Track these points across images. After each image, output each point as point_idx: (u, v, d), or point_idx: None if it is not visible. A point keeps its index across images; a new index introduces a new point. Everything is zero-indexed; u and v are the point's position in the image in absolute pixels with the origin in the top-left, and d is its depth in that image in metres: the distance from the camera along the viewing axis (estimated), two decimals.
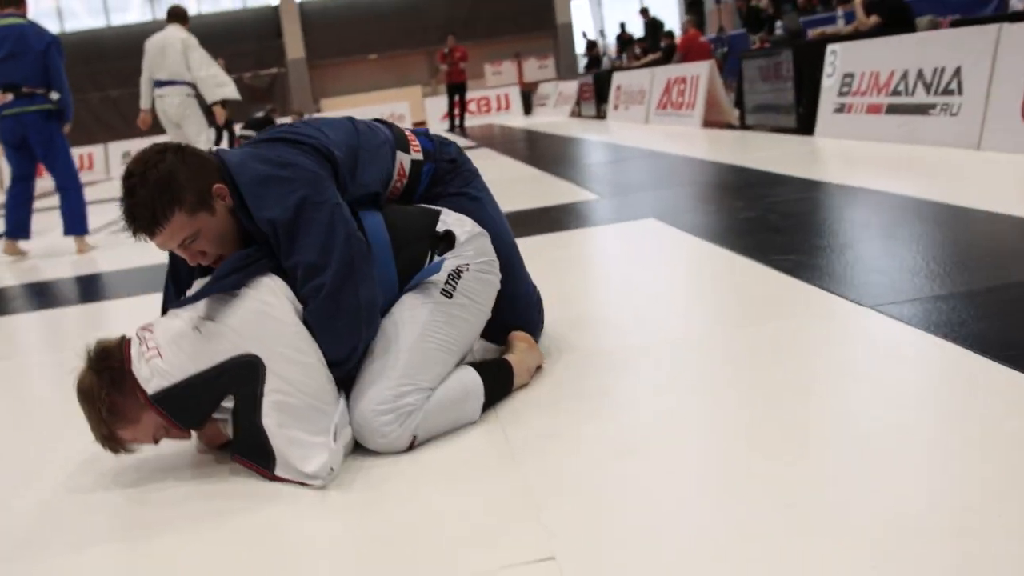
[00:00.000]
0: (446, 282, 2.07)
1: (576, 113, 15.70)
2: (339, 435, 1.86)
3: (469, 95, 17.18)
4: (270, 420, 1.83)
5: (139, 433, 1.91)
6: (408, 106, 19.01)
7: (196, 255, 1.98)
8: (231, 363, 1.84)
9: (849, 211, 4.21)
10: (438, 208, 2.24)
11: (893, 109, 6.25)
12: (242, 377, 1.84)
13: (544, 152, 9.89)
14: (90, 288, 4.94)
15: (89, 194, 6.89)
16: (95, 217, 6.77)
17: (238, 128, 13.79)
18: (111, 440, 1.91)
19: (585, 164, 8.01)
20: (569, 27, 22.72)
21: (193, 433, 2.00)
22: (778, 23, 9.13)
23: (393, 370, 1.93)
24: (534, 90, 19.92)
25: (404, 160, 2.26)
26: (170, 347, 1.86)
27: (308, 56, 20.98)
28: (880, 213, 3.96)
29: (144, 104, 7.54)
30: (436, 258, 2.09)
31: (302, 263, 1.91)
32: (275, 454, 1.83)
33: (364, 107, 18.53)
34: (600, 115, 14.09)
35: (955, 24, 6.60)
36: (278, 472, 1.83)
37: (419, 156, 2.30)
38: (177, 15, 7.60)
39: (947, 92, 5.65)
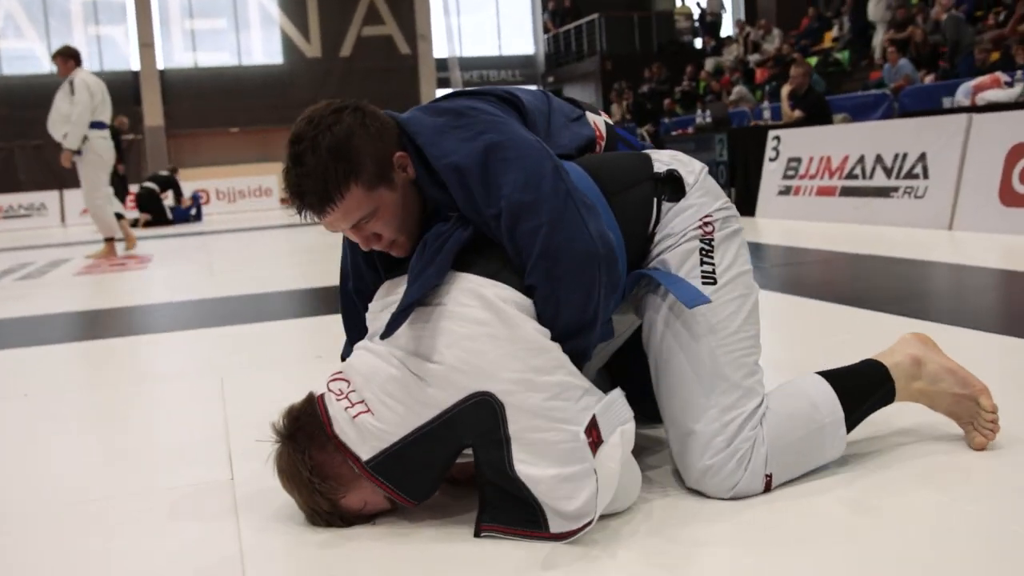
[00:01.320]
0: (702, 260, 1.65)
1: None
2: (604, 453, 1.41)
3: None
4: (528, 467, 1.44)
5: (368, 495, 1.54)
6: (275, 180, 18.51)
7: (370, 238, 1.63)
8: (459, 409, 1.46)
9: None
10: (641, 148, 1.91)
11: (849, 192, 6.79)
12: (477, 423, 1.46)
13: None
14: None
15: None
16: None
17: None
18: (335, 515, 1.55)
19: None
20: None
21: None
22: (705, 112, 9.83)
23: (706, 408, 1.57)
24: None
25: (597, 121, 1.94)
26: (379, 399, 1.49)
27: (167, 124, 20.11)
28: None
29: (75, 145, 7.19)
30: (666, 205, 1.69)
31: (506, 206, 1.53)
32: (542, 507, 1.44)
33: (225, 179, 17.91)
34: None
35: (904, 115, 7.31)
36: (553, 528, 1.45)
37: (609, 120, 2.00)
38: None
39: (911, 176, 6.22)
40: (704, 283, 1.63)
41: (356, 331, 1.82)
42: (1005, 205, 5.46)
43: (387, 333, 1.52)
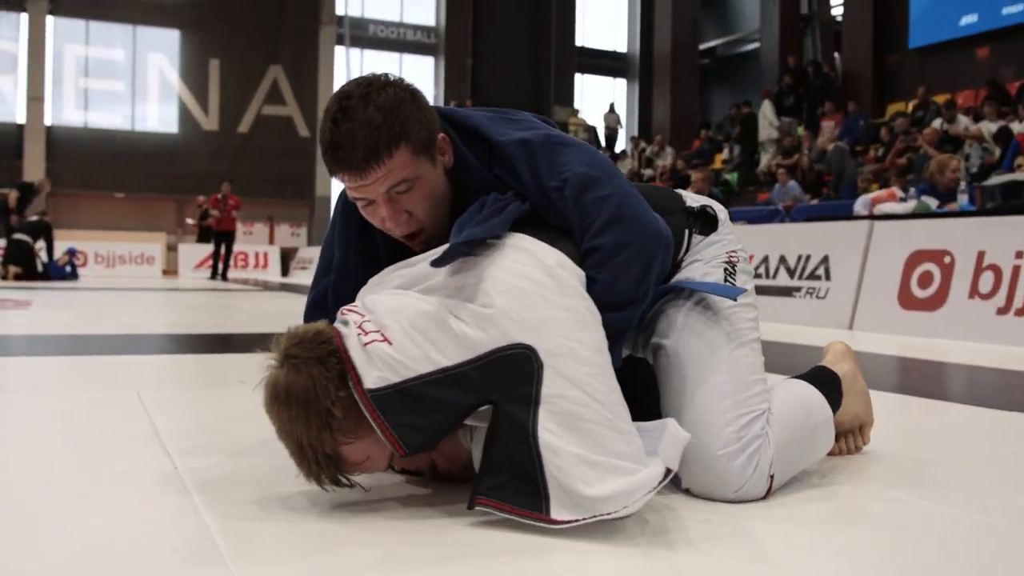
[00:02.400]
0: (725, 279, 1.68)
1: None
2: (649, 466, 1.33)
3: None
4: (551, 436, 1.31)
5: (374, 450, 1.39)
6: (160, 248, 17.86)
7: (398, 213, 1.56)
8: (496, 356, 1.35)
9: None
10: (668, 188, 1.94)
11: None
12: (509, 376, 1.34)
13: None
14: None
15: None
16: None
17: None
18: (332, 464, 1.37)
19: None
20: (327, 200, 22.96)
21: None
22: None
23: (721, 399, 1.52)
24: (292, 254, 19.73)
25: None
26: (404, 330, 1.37)
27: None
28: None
29: None
30: (696, 238, 1.72)
31: (572, 177, 1.53)
32: (547, 486, 1.30)
33: (105, 243, 17.18)
34: None
35: (809, 219, 7.68)
36: (554, 513, 1.29)
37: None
38: None
39: (813, 277, 6.49)
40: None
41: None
42: (903, 308, 5.73)
43: (441, 261, 1.43)
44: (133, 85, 20.81)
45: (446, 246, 1.47)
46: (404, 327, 1.37)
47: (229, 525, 1.37)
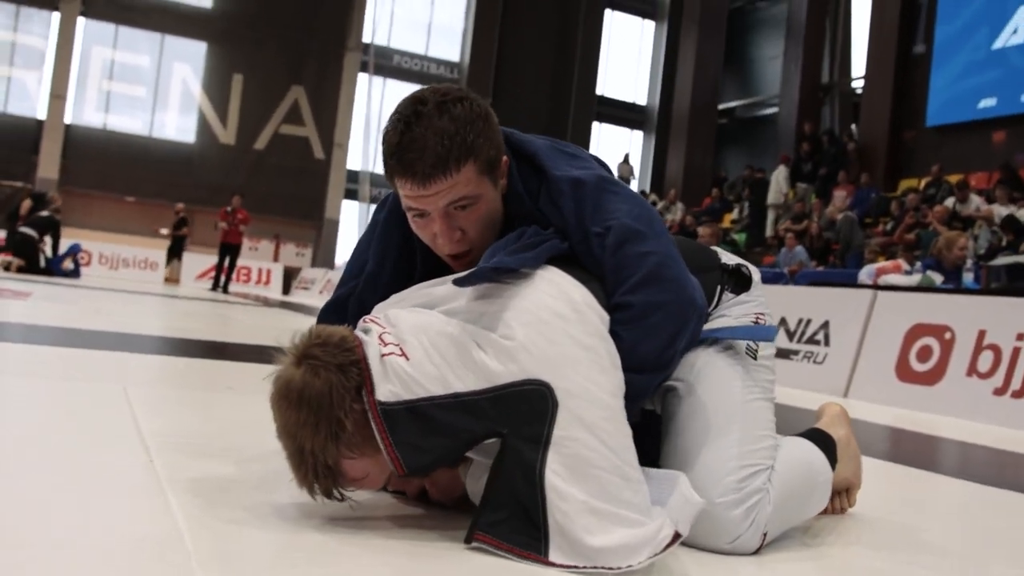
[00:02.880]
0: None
1: None
2: (660, 522, 1.30)
3: None
4: (558, 479, 1.28)
5: (375, 469, 1.37)
6: (162, 256, 17.90)
7: (452, 230, 1.53)
8: (512, 390, 1.32)
9: None
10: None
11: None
12: (522, 412, 1.32)
13: None
14: None
15: None
16: None
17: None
18: (330, 476, 1.34)
19: None
20: (336, 224, 23.04)
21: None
22: None
23: (728, 447, 1.50)
24: (295, 273, 19.74)
25: None
26: (423, 348, 1.35)
27: (61, 179, 19.27)
28: None
29: None
30: (727, 295, 1.72)
31: (617, 226, 1.50)
32: (548, 529, 1.28)
33: (111, 244, 17.23)
34: None
35: (812, 283, 7.67)
36: (552, 556, 1.27)
37: None
38: None
39: (812, 342, 6.47)
40: (748, 351, 1.65)
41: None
42: (900, 380, 5.70)
43: (465, 281, 1.41)
44: (155, 92, 21.01)
45: (466, 273, 1.45)
46: (424, 345, 1.35)
47: (201, 526, 1.33)
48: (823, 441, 1.72)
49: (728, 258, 1.77)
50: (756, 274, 1.78)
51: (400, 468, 1.34)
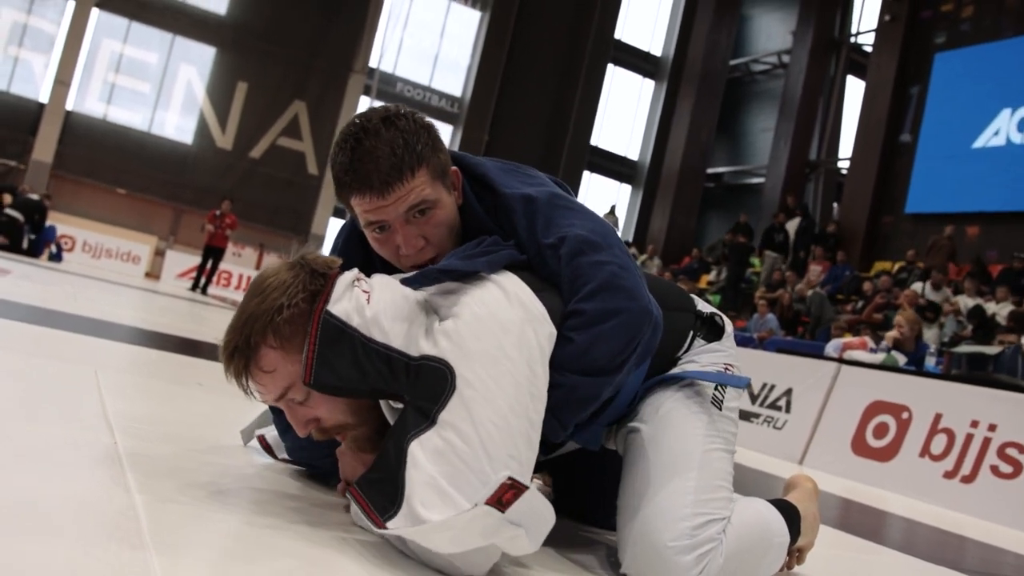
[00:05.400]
0: (716, 387, 1.66)
1: None
2: (496, 527, 1.20)
3: None
4: (420, 450, 1.31)
5: (282, 368, 1.44)
6: (148, 251, 17.85)
7: (415, 238, 1.57)
8: (427, 364, 1.38)
9: None
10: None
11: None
12: (426, 386, 1.37)
13: None
14: None
15: None
16: None
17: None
18: (246, 353, 1.44)
19: None
20: (321, 240, 23.05)
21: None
22: None
23: (685, 492, 1.49)
24: None
25: None
26: (383, 303, 1.44)
27: (56, 164, 19.21)
28: None
29: None
30: (699, 341, 1.72)
31: (572, 237, 1.51)
32: (403, 500, 1.30)
33: (96, 233, 17.17)
34: None
35: (780, 350, 7.81)
36: (390, 524, 1.30)
37: None
38: None
39: (774, 407, 6.59)
40: (713, 402, 1.64)
41: None
42: (855, 454, 5.82)
43: (413, 282, 1.48)
44: (159, 90, 21.06)
45: (415, 271, 1.50)
46: (386, 300, 1.45)
47: (157, 507, 1.35)
48: (788, 512, 1.69)
49: (703, 306, 1.78)
50: (729, 325, 1.78)
51: (308, 375, 1.41)
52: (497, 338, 1.37)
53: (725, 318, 1.79)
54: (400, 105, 1.62)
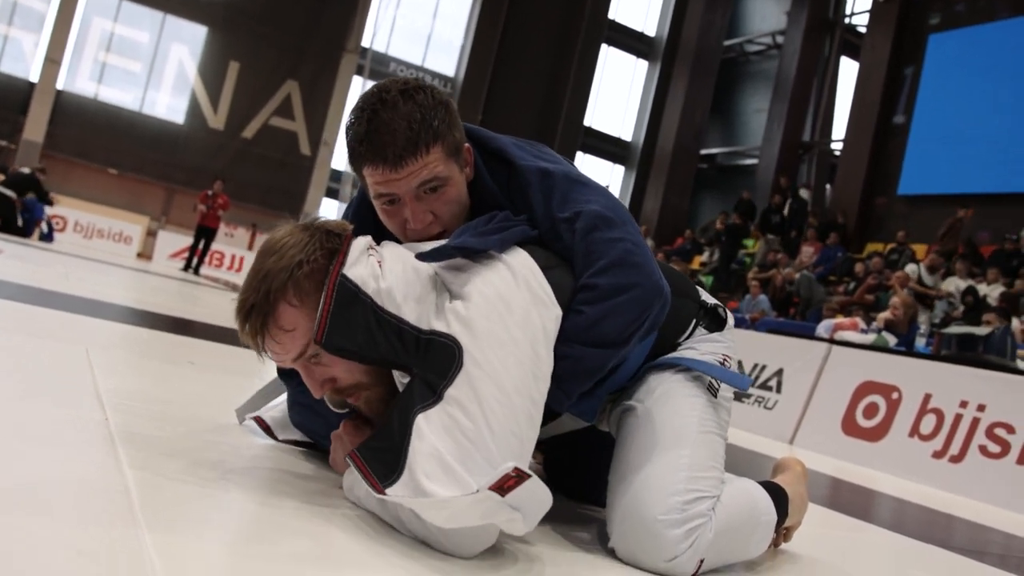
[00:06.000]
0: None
1: None
2: (495, 508, 1.21)
3: None
4: (425, 423, 1.32)
5: (302, 324, 1.44)
6: (140, 232, 17.81)
7: (424, 213, 1.57)
8: (437, 338, 1.39)
9: None
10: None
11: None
12: (435, 361, 1.38)
13: None
14: None
15: None
16: None
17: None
18: (265, 310, 1.44)
19: None
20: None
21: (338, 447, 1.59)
22: None
23: (677, 469, 1.49)
24: None
25: None
26: (394, 274, 1.44)
27: (46, 144, 19.09)
28: None
29: None
30: (700, 330, 1.75)
31: (587, 213, 1.53)
32: (404, 466, 1.31)
33: (87, 214, 17.12)
34: None
35: (771, 331, 7.84)
36: (390, 491, 1.30)
37: None
38: None
39: (764, 387, 6.63)
40: (709, 388, 1.66)
41: None
42: (845, 434, 5.86)
43: (427, 258, 1.46)
44: (151, 69, 20.92)
45: (439, 243, 1.49)
46: (397, 271, 1.45)
47: (149, 484, 1.34)
48: (776, 492, 1.70)
49: (707, 297, 1.80)
50: (731, 319, 1.81)
51: (321, 335, 1.41)
52: (503, 319, 1.39)
53: (728, 312, 1.81)
54: (421, 78, 1.61)
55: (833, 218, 15.52)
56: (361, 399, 1.53)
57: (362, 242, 1.50)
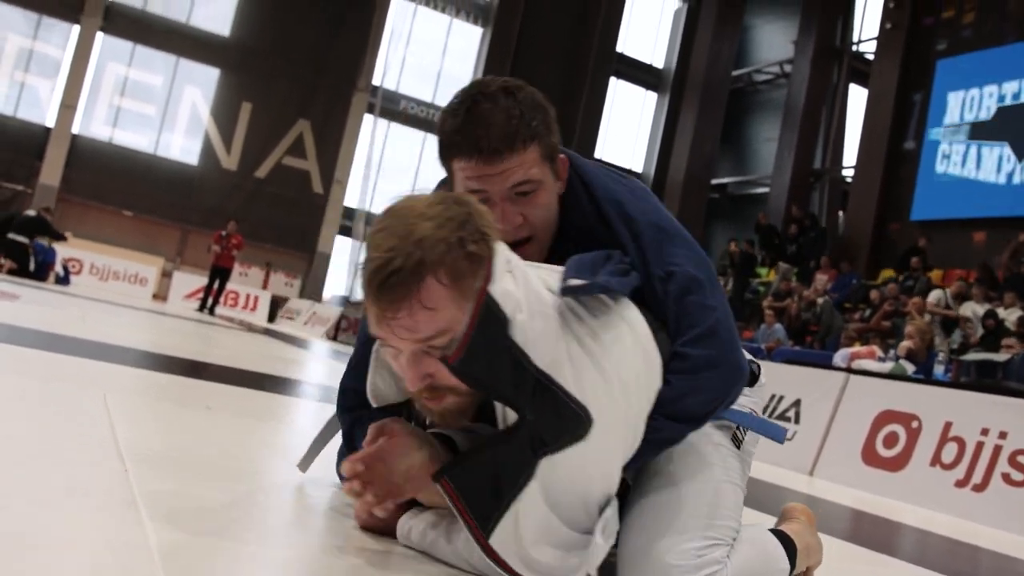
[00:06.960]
0: (737, 427, 1.66)
1: (332, 337, 15.70)
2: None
3: None
4: (538, 487, 1.33)
5: (438, 320, 1.28)
6: (155, 273, 17.94)
7: (514, 215, 1.51)
8: (567, 400, 1.33)
9: None
10: None
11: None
12: (557, 417, 1.33)
13: None
14: None
15: None
16: None
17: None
18: (403, 283, 1.24)
19: None
20: (327, 258, 23.14)
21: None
22: None
23: (695, 517, 1.48)
24: (282, 303, 19.78)
25: None
26: (531, 308, 1.34)
27: (62, 187, 19.35)
28: None
29: None
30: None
31: (680, 273, 1.50)
32: (505, 515, 1.32)
33: (103, 256, 17.27)
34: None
35: (788, 361, 7.79)
36: (492, 539, 1.32)
37: None
38: None
39: (783, 418, 6.57)
40: (733, 439, 1.64)
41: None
42: (866, 464, 5.79)
43: (570, 291, 1.37)
44: (164, 112, 21.22)
45: (582, 282, 1.39)
46: (533, 300, 1.36)
47: (172, 543, 1.31)
48: (785, 542, 1.68)
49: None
50: (763, 377, 1.78)
51: (459, 351, 1.30)
52: (628, 398, 1.38)
53: (761, 368, 1.80)
54: (521, 80, 1.56)
55: (847, 245, 15.49)
56: (445, 402, 1.40)
57: (504, 252, 1.36)
